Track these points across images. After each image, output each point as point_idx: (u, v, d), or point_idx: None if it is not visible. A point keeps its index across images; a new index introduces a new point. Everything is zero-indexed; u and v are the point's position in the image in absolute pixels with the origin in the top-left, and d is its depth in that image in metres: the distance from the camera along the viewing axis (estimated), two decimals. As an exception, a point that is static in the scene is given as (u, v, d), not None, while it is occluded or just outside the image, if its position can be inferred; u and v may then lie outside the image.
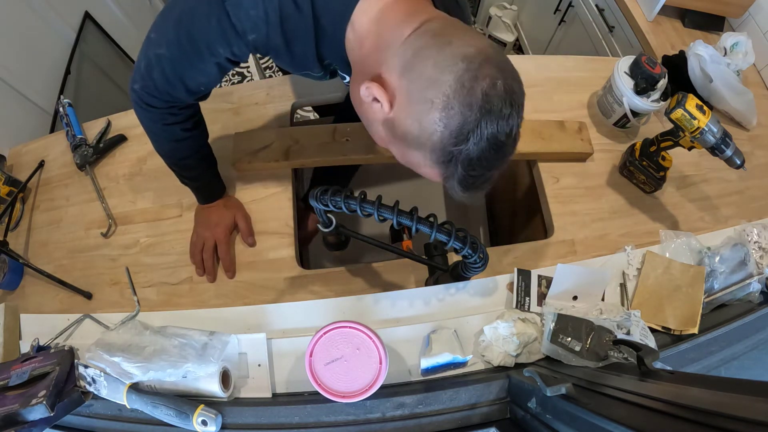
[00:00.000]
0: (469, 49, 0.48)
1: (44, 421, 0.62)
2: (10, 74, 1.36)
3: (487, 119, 0.47)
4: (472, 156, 0.49)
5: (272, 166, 0.96)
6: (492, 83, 0.47)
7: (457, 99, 0.47)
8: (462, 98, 0.47)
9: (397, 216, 0.59)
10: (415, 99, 0.50)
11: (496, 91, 0.47)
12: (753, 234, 0.87)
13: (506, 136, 0.49)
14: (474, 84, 0.47)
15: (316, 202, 0.62)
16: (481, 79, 0.47)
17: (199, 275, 0.89)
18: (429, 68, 0.49)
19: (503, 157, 0.51)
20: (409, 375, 0.75)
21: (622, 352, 0.64)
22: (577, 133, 0.99)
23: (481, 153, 0.48)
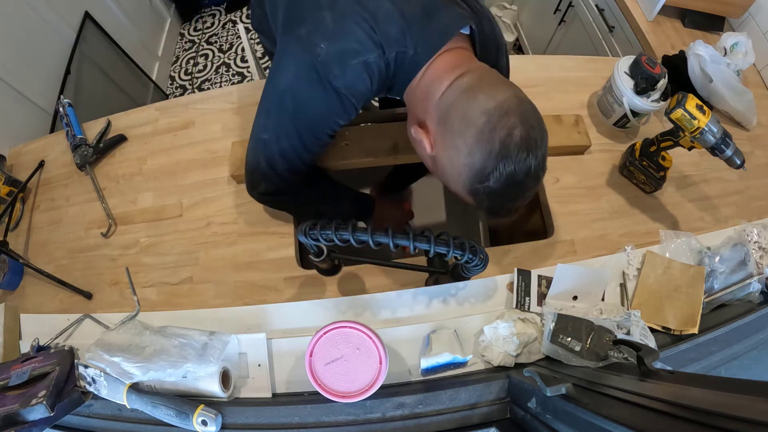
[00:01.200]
0: (491, 103, 0.57)
1: (44, 421, 0.62)
2: (10, 74, 1.37)
3: (505, 163, 0.56)
4: (495, 191, 0.58)
5: None
6: (509, 133, 0.55)
7: (479, 147, 0.57)
8: (482, 146, 0.56)
9: (393, 239, 0.59)
10: (448, 145, 0.61)
11: (512, 140, 0.55)
12: (753, 234, 0.87)
13: (524, 175, 0.57)
14: (492, 135, 0.56)
15: (305, 237, 0.61)
16: (499, 130, 0.56)
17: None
18: (457, 121, 0.59)
19: (523, 191, 0.60)
20: (409, 375, 0.74)
21: (622, 352, 0.64)
22: (574, 126, 0.99)
23: (503, 188, 0.58)
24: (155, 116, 1.07)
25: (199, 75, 2.48)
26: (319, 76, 0.64)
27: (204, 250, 0.92)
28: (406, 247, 0.61)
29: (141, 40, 2.18)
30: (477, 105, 0.58)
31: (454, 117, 0.60)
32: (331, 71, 0.63)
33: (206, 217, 0.94)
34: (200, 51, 2.57)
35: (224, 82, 2.44)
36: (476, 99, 0.58)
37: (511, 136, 0.55)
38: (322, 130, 0.71)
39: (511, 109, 0.57)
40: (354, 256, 0.79)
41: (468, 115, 0.58)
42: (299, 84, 0.66)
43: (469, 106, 0.58)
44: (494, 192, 0.58)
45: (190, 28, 2.67)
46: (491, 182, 0.57)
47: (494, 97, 0.58)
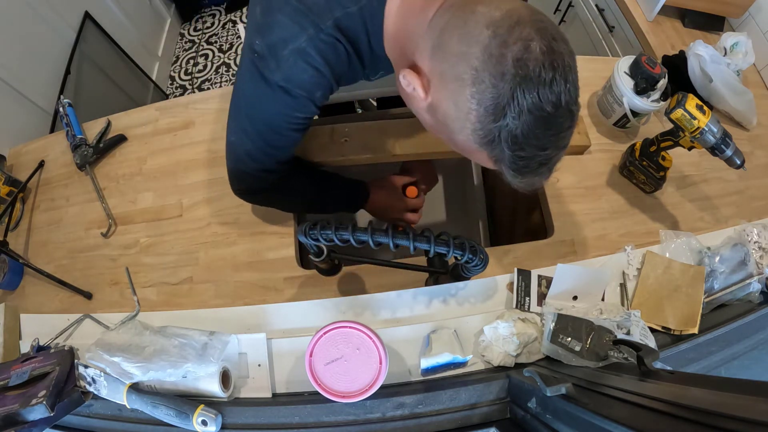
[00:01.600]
0: (496, 13, 0.44)
1: (44, 421, 0.62)
2: (10, 74, 1.37)
3: (524, 88, 0.42)
4: (516, 133, 0.44)
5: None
6: (524, 46, 0.42)
7: (487, 70, 0.43)
8: (492, 68, 0.43)
9: (393, 238, 0.58)
10: (447, 78, 0.47)
11: (531, 55, 0.42)
12: (753, 234, 0.87)
13: (553, 106, 0.43)
14: (504, 50, 0.42)
15: (305, 237, 0.61)
16: (512, 44, 0.42)
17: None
18: (455, 43, 0.46)
19: (556, 131, 0.45)
20: (409, 375, 0.74)
21: (622, 352, 0.64)
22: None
23: (526, 128, 0.44)
24: (155, 116, 1.07)
25: (199, 75, 2.48)
26: (260, 73, 0.60)
27: (204, 250, 0.92)
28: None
29: (141, 40, 2.18)
30: (478, 18, 0.45)
31: (451, 40, 0.47)
32: (268, 66, 0.59)
33: (206, 217, 0.94)
34: (200, 51, 2.57)
35: (224, 82, 2.44)
36: (476, 12, 0.45)
37: (529, 50, 0.42)
38: (282, 126, 0.66)
39: (523, 18, 0.44)
40: (354, 256, 0.79)
41: (468, 32, 0.45)
42: (247, 84, 0.64)
43: (469, 21, 0.45)
44: (516, 135, 0.44)
45: (190, 28, 2.67)
46: (509, 119, 0.44)
47: (499, 6, 0.45)
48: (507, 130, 0.44)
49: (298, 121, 0.66)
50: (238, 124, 0.70)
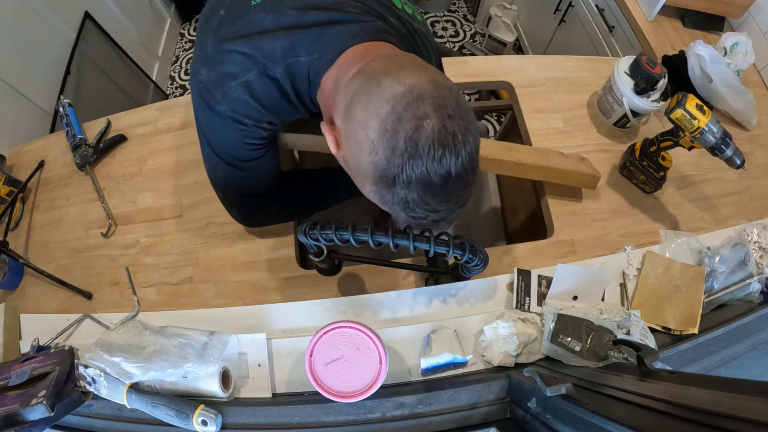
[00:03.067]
0: (399, 88, 0.46)
1: (44, 421, 0.62)
2: (10, 74, 1.37)
3: (413, 163, 0.45)
4: (407, 199, 0.48)
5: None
6: (417, 125, 0.45)
7: (381, 144, 0.46)
8: (385, 143, 0.46)
9: (393, 238, 0.59)
10: (351, 141, 0.50)
11: (422, 133, 0.45)
12: (753, 234, 0.87)
13: (441, 178, 0.46)
14: (398, 127, 0.45)
15: (305, 237, 0.61)
16: (406, 122, 0.45)
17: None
18: (359, 111, 0.48)
19: (446, 198, 0.48)
20: (409, 375, 0.74)
21: (622, 352, 0.64)
22: (580, 161, 0.95)
23: (416, 196, 0.47)
24: (155, 116, 1.07)
25: (199, 75, 2.48)
26: (207, 104, 0.63)
27: (204, 250, 0.92)
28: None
29: (141, 40, 2.17)
30: (381, 91, 0.47)
31: (357, 107, 0.49)
32: (214, 97, 0.62)
33: (206, 217, 0.94)
34: (200, 51, 2.56)
35: (224, 82, 2.43)
36: (381, 85, 0.47)
37: (421, 129, 0.44)
38: (241, 151, 0.68)
39: (423, 95, 0.45)
40: (354, 256, 0.79)
41: (371, 103, 0.47)
42: (200, 113, 0.67)
43: (372, 93, 0.47)
44: (408, 201, 0.48)
45: (190, 28, 2.67)
46: (398, 188, 0.47)
47: (403, 81, 0.46)
48: (399, 197, 0.48)
49: (255, 145, 0.68)
50: (206, 153, 0.72)
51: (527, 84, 1.10)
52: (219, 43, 0.61)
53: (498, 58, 1.29)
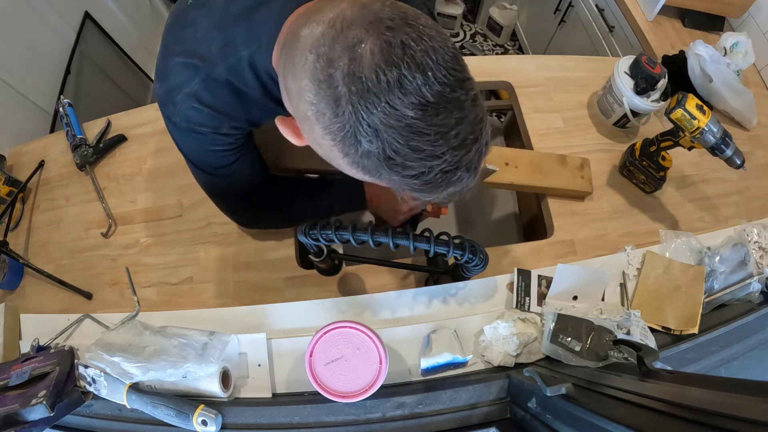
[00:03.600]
0: (317, 29, 0.37)
1: (44, 421, 0.62)
2: (10, 74, 1.37)
3: (368, 104, 0.34)
4: (386, 154, 0.36)
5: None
6: (351, 56, 0.34)
7: (322, 100, 0.36)
8: (324, 96, 0.36)
9: (393, 238, 0.58)
10: (300, 119, 0.42)
11: (364, 62, 0.34)
12: (753, 234, 0.87)
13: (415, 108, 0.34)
14: (330, 71, 0.35)
15: (305, 237, 0.61)
16: (337, 59, 0.35)
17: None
18: (290, 81, 0.40)
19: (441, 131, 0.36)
20: (409, 375, 0.74)
21: (622, 352, 0.64)
22: (578, 170, 0.95)
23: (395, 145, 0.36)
24: (155, 116, 1.07)
25: (199, 75, 2.48)
26: (166, 117, 0.62)
27: (204, 250, 0.92)
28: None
29: (141, 40, 2.17)
30: (302, 43, 0.38)
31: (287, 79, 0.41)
32: (168, 110, 0.61)
33: (206, 217, 0.94)
34: (200, 51, 2.57)
35: (224, 82, 2.44)
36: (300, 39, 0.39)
37: (357, 59, 0.34)
38: (211, 158, 0.66)
39: (350, 20, 0.36)
40: (354, 256, 0.79)
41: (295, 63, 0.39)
42: (166, 126, 0.65)
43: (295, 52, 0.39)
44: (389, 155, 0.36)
45: (190, 28, 2.67)
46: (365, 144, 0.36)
47: (320, 20, 0.37)
48: (373, 155, 0.37)
49: (222, 151, 0.65)
50: (186, 162, 0.71)
51: (527, 84, 1.10)
52: (164, 55, 0.59)
53: (498, 58, 1.29)
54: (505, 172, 0.92)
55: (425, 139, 0.36)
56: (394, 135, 0.35)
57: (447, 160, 0.37)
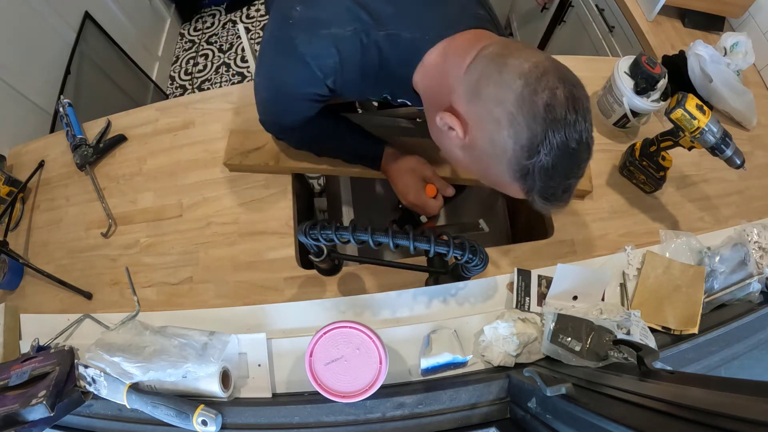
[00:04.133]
0: (525, 65, 0.51)
1: (44, 421, 0.62)
2: (10, 74, 1.37)
3: (553, 128, 0.49)
4: (547, 166, 0.51)
5: (262, 168, 0.95)
6: (552, 93, 0.49)
7: (522, 113, 0.50)
8: (525, 112, 0.49)
9: (393, 238, 0.58)
10: (484, 120, 0.53)
11: (557, 101, 0.49)
12: (753, 234, 0.87)
13: (577, 142, 0.50)
14: (534, 97, 0.49)
15: (305, 237, 0.61)
16: (541, 92, 0.49)
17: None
18: (491, 90, 0.52)
19: (579, 163, 0.52)
20: (409, 375, 0.74)
21: (622, 352, 0.64)
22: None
23: (555, 162, 0.50)
24: (155, 116, 1.07)
25: (199, 75, 2.48)
26: (289, 39, 0.62)
27: (204, 250, 0.92)
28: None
29: (141, 40, 2.18)
30: (511, 69, 0.51)
31: (487, 87, 0.53)
32: (299, 35, 0.61)
33: (206, 217, 0.94)
34: (200, 51, 2.57)
35: (224, 82, 2.44)
36: (508, 64, 0.52)
37: (555, 97, 0.49)
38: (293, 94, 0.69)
39: (548, 69, 0.50)
40: (354, 256, 0.79)
41: (503, 80, 0.51)
42: (272, 46, 0.66)
43: (503, 72, 0.52)
44: (548, 168, 0.51)
45: (190, 28, 2.67)
46: (542, 154, 0.50)
47: (527, 59, 0.51)
48: (540, 164, 0.51)
49: (309, 95, 0.68)
50: (260, 73, 0.72)
51: (527, 84, 1.10)
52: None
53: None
54: None
55: (571, 164, 0.52)
56: (559, 155, 0.50)
57: (570, 183, 0.54)
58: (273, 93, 0.73)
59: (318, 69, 0.63)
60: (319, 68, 0.63)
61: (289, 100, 0.72)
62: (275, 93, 0.72)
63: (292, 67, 0.65)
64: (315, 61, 0.62)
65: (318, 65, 0.63)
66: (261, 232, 0.92)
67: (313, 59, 0.62)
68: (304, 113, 0.75)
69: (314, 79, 0.65)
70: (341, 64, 0.62)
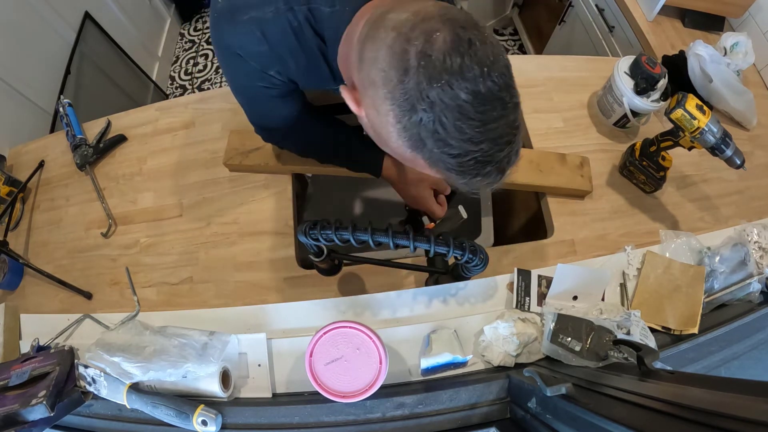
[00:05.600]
0: (402, 15, 0.44)
1: (44, 421, 0.62)
2: (10, 74, 1.37)
3: (429, 78, 0.40)
4: (435, 127, 0.41)
5: (261, 168, 0.96)
6: (426, 39, 0.40)
7: (392, 68, 0.42)
8: (396, 65, 0.41)
9: (393, 238, 0.58)
10: (365, 85, 0.46)
11: (434, 46, 0.40)
12: (753, 234, 0.87)
13: (468, 93, 0.40)
14: (406, 46, 0.41)
15: (305, 237, 0.61)
16: (414, 39, 0.41)
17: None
18: (368, 51, 0.46)
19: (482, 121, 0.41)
20: (409, 375, 0.74)
21: (622, 352, 0.64)
22: (578, 169, 0.95)
23: (444, 120, 0.41)
24: (155, 116, 1.07)
25: (199, 75, 2.48)
26: (219, 34, 0.59)
27: (204, 250, 0.92)
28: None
29: (141, 40, 2.17)
30: (387, 23, 0.45)
31: (365, 49, 0.46)
32: (223, 27, 0.57)
33: (206, 217, 0.94)
34: (200, 51, 2.57)
35: (224, 82, 2.44)
36: (386, 19, 0.45)
37: (432, 42, 0.40)
38: (252, 92, 0.65)
39: (430, 15, 0.42)
40: (354, 256, 0.79)
41: (377, 37, 0.44)
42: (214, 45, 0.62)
43: (379, 28, 0.45)
44: (436, 129, 0.41)
45: (190, 28, 2.67)
46: (421, 113, 0.41)
47: (407, 8, 0.44)
48: (424, 125, 0.42)
49: (264, 90, 0.64)
50: (236, 96, 0.70)
51: (527, 84, 1.10)
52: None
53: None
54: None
55: (469, 123, 0.41)
56: (446, 112, 0.40)
57: (483, 149, 0.42)
58: (238, 96, 0.69)
59: (251, 59, 0.58)
60: (251, 58, 0.58)
61: (255, 100, 0.68)
62: (239, 95, 0.68)
63: (231, 62, 0.61)
64: (243, 51, 0.57)
65: (248, 55, 0.58)
66: (261, 232, 0.92)
67: (241, 50, 0.57)
68: (280, 111, 0.70)
69: (254, 72, 0.60)
70: (273, 50, 0.57)
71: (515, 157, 0.45)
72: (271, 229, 0.93)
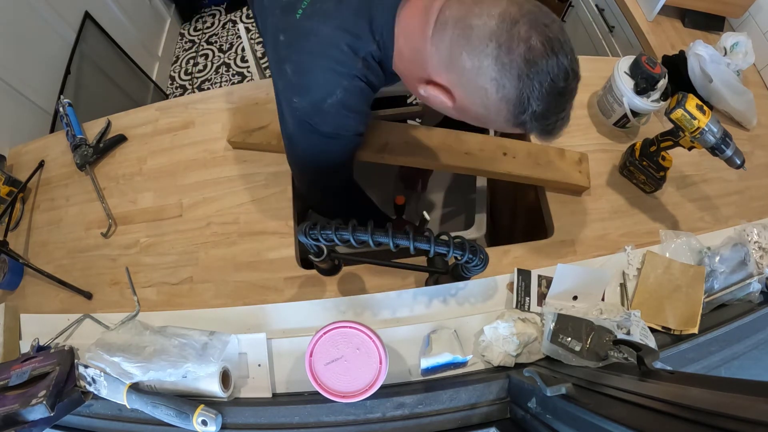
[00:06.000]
0: (491, 22, 0.50)
1: (44, 421, 0.62)
2: (10, 74, 1.37)
3: (539, 79, 0.50)
4: (542, 111, 0.53)
5: (265, 147, 0.96)
6: (527, 46, 0.49)
7: (505, 77, 0.51)
8: (509, 74, 0.51)
9: (393, 238, 0.59)
10: (470, 89, 0.55)
11: (535, 52, 0.50)
12: (753, 234, 0.87)
13: (564, 79, 0.51)
14: (512, 56, 0.50)
15: (305, 237, 0.61)
16: (516, 48, 0.50)
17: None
18: (467, 60, 0.53)
19: (569, 95, 0.54)
20: (409, 375, 0.74)
21: (622, 352, 0.64)
22: (577, 164, 0.95)
23: (549, 105, 0.53)
24: (155, 116, 1.07)
25: (199, 75, 2.48)
26: (310, 126, 0.66)
27: (204, 250, 0.92)
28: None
29: (141, 40, 2.18)
30: (479, 33, 0.51)
31: (460, 56, 0.53)
32: (314, 120, 0.65)
33: (206, 217, 0.94)
34: (200, 51, 2.57)
35: (224, 82, 2.44)
36: (473, 27, 0.51)
37: (532, 48, 0.49)
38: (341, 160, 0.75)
39: (515, 18, 0.50)
40: (354, 256, 0.79)
41: (474, 48, 0.51)
42: (300, 138, 0.70)
43: (471, 38, 0.51)
44: (542, 112, 0.53)
45: (190, 28, 2.67)
46: (534, 105, 0.52)
47: (491, 14, 0.51)
48: (534, 113, 0.53)
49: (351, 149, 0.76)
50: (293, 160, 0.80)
51: (527, 84, 1.10)
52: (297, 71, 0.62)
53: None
54: (503, 162, 0.92)
55: (562, 99, 0.54)
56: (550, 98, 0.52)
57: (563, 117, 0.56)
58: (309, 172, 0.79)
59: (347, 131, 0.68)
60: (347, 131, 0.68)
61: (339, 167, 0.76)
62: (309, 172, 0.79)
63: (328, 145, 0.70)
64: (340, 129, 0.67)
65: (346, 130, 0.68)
66: (261, 232, 0.92)
67: (339, 129, 0.67)
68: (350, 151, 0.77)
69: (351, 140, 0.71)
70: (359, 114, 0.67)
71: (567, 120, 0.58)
72: (271, 229, 0.93)
